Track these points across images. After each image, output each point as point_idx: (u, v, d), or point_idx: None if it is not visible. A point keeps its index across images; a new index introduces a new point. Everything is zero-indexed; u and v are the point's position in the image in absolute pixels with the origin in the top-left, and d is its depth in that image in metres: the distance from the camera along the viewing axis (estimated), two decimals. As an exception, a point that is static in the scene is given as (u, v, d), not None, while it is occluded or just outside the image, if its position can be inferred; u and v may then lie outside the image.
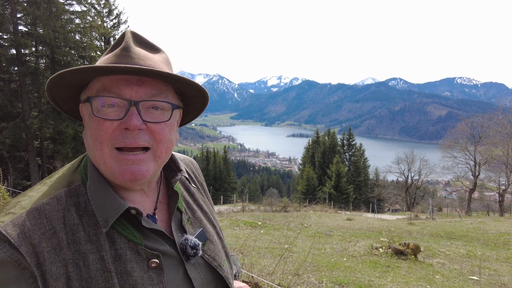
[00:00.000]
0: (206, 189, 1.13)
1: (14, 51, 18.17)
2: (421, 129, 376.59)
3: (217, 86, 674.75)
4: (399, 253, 7.99)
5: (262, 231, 10.93)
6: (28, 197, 0.77)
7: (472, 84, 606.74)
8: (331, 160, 39.01)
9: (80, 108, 0.84)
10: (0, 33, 17.85)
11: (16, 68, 18.61)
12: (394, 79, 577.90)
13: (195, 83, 0.81)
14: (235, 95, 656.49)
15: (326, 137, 43.13)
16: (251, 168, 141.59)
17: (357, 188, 39.81)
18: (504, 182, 30.32)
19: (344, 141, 44.00)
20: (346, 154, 43.64)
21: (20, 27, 18.42)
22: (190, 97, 0.89)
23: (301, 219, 14.48)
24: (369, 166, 43.94)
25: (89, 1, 22.10)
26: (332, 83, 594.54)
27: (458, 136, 34.34)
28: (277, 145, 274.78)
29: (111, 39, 24.33)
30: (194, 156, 68.11)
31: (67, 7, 19.81)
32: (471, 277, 6.82)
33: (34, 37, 18.02)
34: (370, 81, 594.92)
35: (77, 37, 20.17)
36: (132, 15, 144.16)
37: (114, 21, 25.27)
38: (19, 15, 18.10)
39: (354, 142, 44.13)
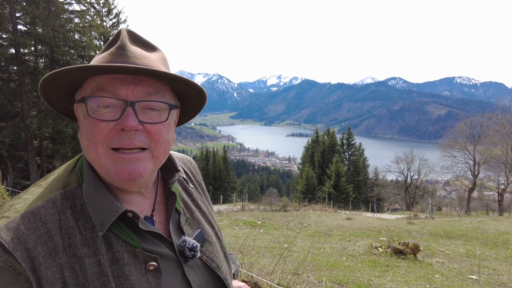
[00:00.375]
0: (205, 189, 1.12)
1: (13, 51, 18.13)
2: (420, 129, 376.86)
3: (217, 86, 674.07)
4: (398, 253, 8.00)
5: (261, 231, 10.93)
6: (22, 200, 0.75)
7: (471, 83, 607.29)
8: (331, 159, 39.01)
9: (74, 108, 0.82)
10: (-1, 32, 17.86)
11: (15, 68, 18.59)
12: (394, 78, 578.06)
13: (192, 82, 0.80)
14: (235, 94, 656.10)
15: (326, 137, 43.10)
16: (251, 168, 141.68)
17: (356, 187, 39.82)
18: (503, 181, 30.36)
19: (344, 141, 44.03)
20: (346, 153, 43.67)
21: (19, 26, 18.40)
22: (188, 97, 0.87)
23: (300, 219, 14.48)
24: (369, 165, 43.99)
25: (88, 0, 22.06)
26: (332, 83, 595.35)
27: (458, 135, 34.35)
28: (277, 144, 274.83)
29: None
30: (193, 156, 68.03)
31: (66, 7, 19.79)
32: (470, 276, 6.82)
33: (33, 36, 18.00)
34: (369, 81, 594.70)
35: (76, 37, 20.16)
36: (131, 14, 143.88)
37: (114, 21, 25.21)
38: (18, 14, 18.07)
39: (353, 142, 44.17)
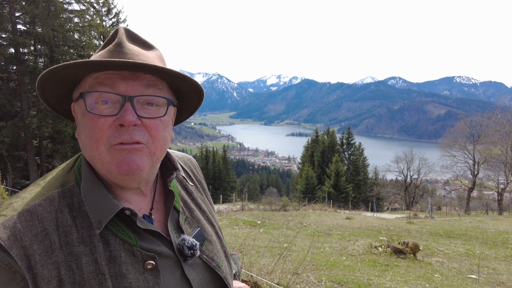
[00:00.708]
0: (206, 188, 1.11)
1: (12, 50, 18.10)
2: (420, 128, 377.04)
3: (217, 85, 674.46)
4: (398, 252, 8.00)
5: (261, 230, 10.93)
6: (20, 198, 0.75)
7: (471, 83, 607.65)
8: (330, 159, 39.00)
9: (72, 107, 0.82)
10: (-2, 32, 17.84)
11: (14, 67, 18.54)
12: (393, 78, 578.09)
13: (190, 78, 0.80)
14: (235, 94, 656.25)
15: (326, 136, 43.10)
16: (251, 167, 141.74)
17: (356, 187, 39.84)
18: (503, 181, 30.37)
19: (344, 140, 44.02)
20: (345, 153, 43.67)
21: (19, 26, 18.35)
22: (185, 93, 0.88)
23: (300, 218, 14.48)
24: (368, 165, 44.03)
25: (88, 0, 22.05)
26: (332, 82, 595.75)
27: (457, 135, 34.38)
28: (277, 144, 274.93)
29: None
30: (193, 155, 67.85)
31: (66, 6, 19.75)
32: (470, 275, 6.83)
33: (33, 36, 17.97)
34: (369, 80, 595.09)
35: (76, 36, 20.12)
36: (131, 14, 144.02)
37: (113, 20, 25.19)
38: (17, 14, 18.03)
39: (353, 141, 44.17)
